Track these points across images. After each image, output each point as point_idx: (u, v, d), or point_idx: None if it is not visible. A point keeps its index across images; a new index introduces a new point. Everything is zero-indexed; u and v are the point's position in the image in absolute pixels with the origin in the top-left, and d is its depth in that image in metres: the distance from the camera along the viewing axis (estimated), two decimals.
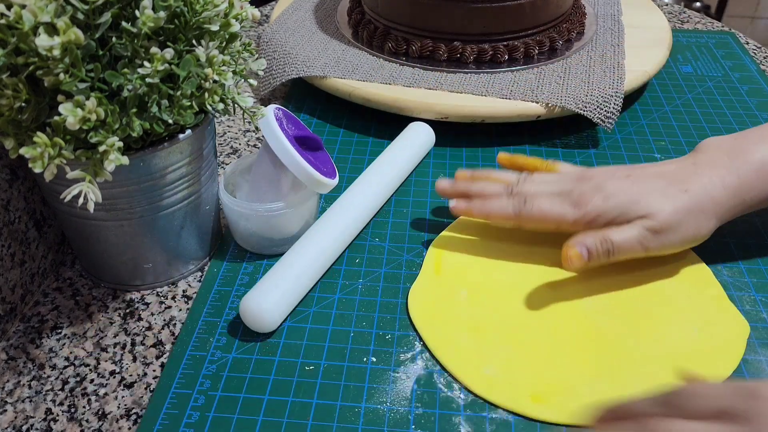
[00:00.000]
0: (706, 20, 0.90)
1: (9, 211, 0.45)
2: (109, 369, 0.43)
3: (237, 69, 0.42)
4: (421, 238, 0.52)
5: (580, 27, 0.73)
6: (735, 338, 0.44)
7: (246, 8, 0.41)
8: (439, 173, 0.59)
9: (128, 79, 0.37)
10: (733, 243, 0.52)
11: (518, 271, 0.49)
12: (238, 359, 0.43)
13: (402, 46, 0.68)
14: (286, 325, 0.45)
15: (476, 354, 0.43)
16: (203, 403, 0.40)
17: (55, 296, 0.48)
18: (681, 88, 0.73)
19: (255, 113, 0.44)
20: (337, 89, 0.64)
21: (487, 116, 0.61)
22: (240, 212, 0.48)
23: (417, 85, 0.63)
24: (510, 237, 0.52)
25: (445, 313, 0.46)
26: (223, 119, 0.69)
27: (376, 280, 0.49)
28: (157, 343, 0.45)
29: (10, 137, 0.37)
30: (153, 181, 0.42)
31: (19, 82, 0.35)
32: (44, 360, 0.44)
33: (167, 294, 0.48)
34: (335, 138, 0.64)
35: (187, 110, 0.40)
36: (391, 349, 0.44)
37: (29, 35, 0.33)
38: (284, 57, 0.69)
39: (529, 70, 0.66)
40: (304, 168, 0.46)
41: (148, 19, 0.36)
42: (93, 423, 0.40)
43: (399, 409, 0.40)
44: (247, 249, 0.51)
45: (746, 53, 0.80)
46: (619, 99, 0.62)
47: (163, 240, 0.46)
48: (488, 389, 0.41)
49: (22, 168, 0.46)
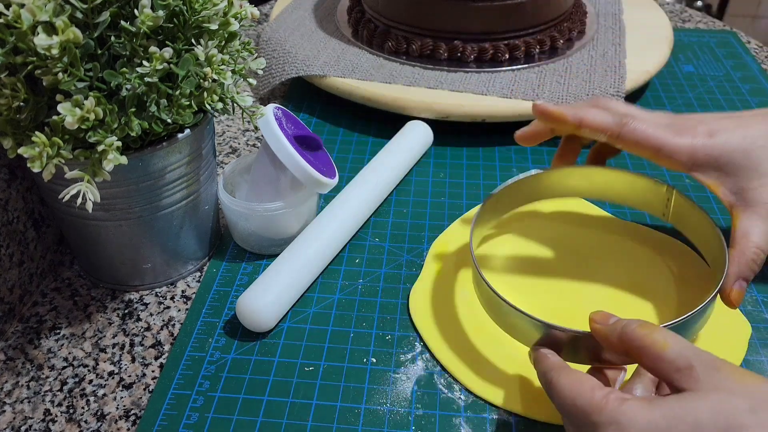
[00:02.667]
0: (707, 19, 0.90)
1: (7, 211, 0.44)
2: (108, 370, 0.43)
3: (236, 68, 0.42)
4: (421, 238, 0.52)
5: (581, 26, 0.73)
6: (736, 339, 0.44)
7: (245, 7, 0.41)
8: (439, 173, 0.59)
9: (127, 79, 0.37)
10: None
11: (519, 271, 0.49)
12: (238, 360, 0.43)
13: (402, 45, 0.68)
14: (286, 326, 0.45)
15: (477, 355, 0.43)
16: (202, 404, 0.40)
17: (53, 296, 0.48)
18: (682, 87, 0.73)
19: (254, 113, 0.44)
20: (337, 88, 0.64)
21: (487, 116, 0.61)
22: (239, 212, 0.48)
23: (417, 85, 0.63)
24: (510, 237, 0.51)
25: (445, 313, 0.45)
26: (222, 119, 0.69)
27: (376, 280, 0.49)
28: (156, 343, 0.44)
29: (8, 137, 0.37)
30: (152, 181, 0.42)
31: (18, 81, 0.35)
32: (43, 360, 0.43)
33: (166, 294, 0.48)
34: (335, 138, 0.64)
35: (186, 110, 0.40)
36: (391, 349, 0.44)
37: (28, 34, 0.32)
38: (284, 56, 0.68)
39: (530, 70, 0.66)
40: (304, 168, 0.46)
41: (147, 18, 0.36)
42: (92, 424, 0.40)
43: (399, 410, 0.40)
44: (246, 249, 0.51)
45: (748, 52, 0.80)
46: (621, 98, 0.61)
47: (162, 240, 0.46)
48: (489, 390, 0.41)
49: (20, 168, 0.46)
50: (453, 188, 0.57)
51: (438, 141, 0.62)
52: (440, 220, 0.54)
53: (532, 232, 0.51)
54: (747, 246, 0.40)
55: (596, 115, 0.44)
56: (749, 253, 0.40)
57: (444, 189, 0.57)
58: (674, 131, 0.43)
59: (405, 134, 0.59)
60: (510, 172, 0.59)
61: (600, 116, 0.44)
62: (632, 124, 0.43)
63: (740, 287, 0.40)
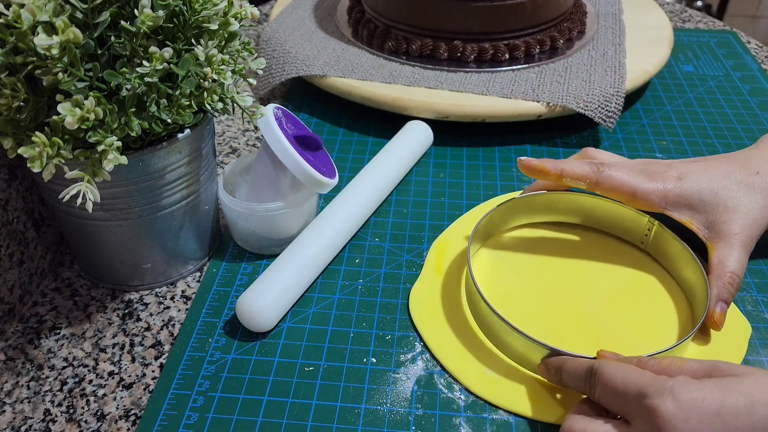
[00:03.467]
0: (707, 19, 0.90)
1: (7, 211, 0.44)
2: (108, 370, 0.43)
3: (236, 68, 0.42)
4: (421, 238, 0.52)
5: (581, 26, 0.73)
6: (737, 339, 0.44)
7: (245, 7, 0.41)
8: (439, 173, 0.59)
9: (127, 79, 0.37)
10: None
11: (519, 271, 0.49)
12: (238, 360, 0.43)
13: (402, 45, 0.68)
14: (286, 326, 0.45)
15: (477, 355, 0.43)
16: (202, 404, 0.40)
17: (53, 296, 0.48)
18: (682, 87, 0.73)
19: (254, 113, 0.44)
20: (337, 88, 0.64)
21: (487, 115, 0.61)
22: (239, 212, 0.48)
23: (417, 85, 0.63)
24: (511, 237, 0.51)
25: (445, 313, 0.45)
26: (222, 119, 0.69)
27: (376, 280, 0.49)
28: (156, 343, 0.44)
29: (8, 137, 0.37)
30: (152, 181, 0.42)
31: (18, 81, 0.35)
32: (43, 360, 0.43)
33: (166, 294, 0.48)
34: (335, 137, 0.64)
35: (186, 110, 0.40)
36: (391, 349, 0.44)
37: (28, 34, 0.32)
38: (284, 56, 0.68)
39: (530, 69, 0.66)
40: (304, 168, 0.46)
41: (147, 18, 0.36)
42: (92, 424, 0.40)
43: (399, 410, 0.40)
44: (246, 249, 0.51)
45: (748, 52, 0.80)
46: (621, 98, 0.61)
47: (162, 240, 0.46)
48: (489, 390, 0.41)
49: (20, 168, 0.46)
50: (453, 188, 0.57)
51: (438, 141, 0.62)
52: (440, 220, 0.54)
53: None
54: (723, 272, 0.44)
55: (575, 166, 0.48)
56: (725, 278, 0.44)
57: (444, 189, 0.57)
58: (647, 176, 0.47)
59: (405, 134, 0.59)
60: (510, 172, 0.59)
61: (579, 166, 0.48)
62: (608, 171, 0.47)
63: (722, 309, 0.43)
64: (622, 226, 0.51)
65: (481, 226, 0.48)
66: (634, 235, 0.50)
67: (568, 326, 0.44)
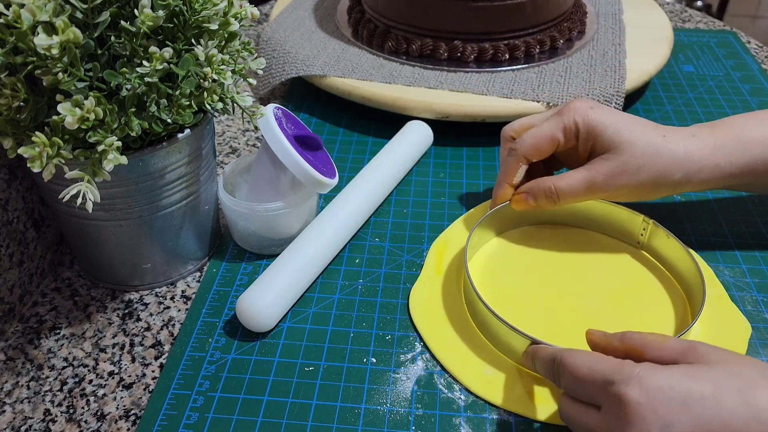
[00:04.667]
0: (707, 19, 0.90)
1: (7, 211, 0.44)
2: (108, 370, 0.43)
3: (236, 68, 0.42)
4: (421, 238, 0.52)
5: (581, 26, 0.73)
6: (736, 339, 0.44)
7: (245, 7, 0.41)
8: (439, 173, 0.59)
9: (127, 79, 0.37)
10: (734, 243, 0.52)
11: (519, 271, 0.49)
12: (238, 360, 0.43)
13: (402, 45, 0.68)
14: (286, 326, 0.45)
15: (477, 354, 0.43)
16: (202, 404, 0.40)
17: (53, 296, 0.48)
18: (682, 87, 0.73)
19: (254, 113, 0.44)
20: (337, 88, 0.64)
21: (487, 116, 0.61)
22: (239, 212, 0.48)
23: (417, 85, 0.63)
24: (511, 237, 0.51)
25: (445, 313, 0.45)
26: (222, 119, 0.69)
27: (376, 280, 0.49)
28: (156, 343, 0.44)
29: (8, 137, 0.37)
30: (152, 181, 0.42)
31: (18, 81, 0.35)
32: (43, 360, 0.43)
33: (166, 294, 0.48)
34: (335, 137, 0.64)
35: (186, 110, 0.40)
36: (391, 349, 0.44)
37: (28, 34, 0.32)
38: (284, 56, 0.68)
39: (530, 69, 0.66)
40: (304, 168, 0.46)
41: (147, 18, 0.36)
42: (92, 424, 0.40)
43: (399, 410, 0.40)
44: (246, 249, 0.51)
45: (748, 52, 0.80)
46: (621, 98, 0.61)
47: (162, 240, 0.46)
48: (489, 390, 0.41)
49: (20, 168, 0.46)
50: (453, 188, 0.57)
51: (438, 141, 0.62)
52: (440, 220, 0.54)
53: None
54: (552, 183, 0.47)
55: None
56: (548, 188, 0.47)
57: (444, 189, 0.57)
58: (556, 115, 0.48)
59: (405, 134, 0.59)
60: None
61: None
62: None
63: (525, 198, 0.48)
64: (618, 227, 0.51)
65: (480, 227, 0.48)
66: (631, 235, 0.50)
67: (568, 326, 0.44)
